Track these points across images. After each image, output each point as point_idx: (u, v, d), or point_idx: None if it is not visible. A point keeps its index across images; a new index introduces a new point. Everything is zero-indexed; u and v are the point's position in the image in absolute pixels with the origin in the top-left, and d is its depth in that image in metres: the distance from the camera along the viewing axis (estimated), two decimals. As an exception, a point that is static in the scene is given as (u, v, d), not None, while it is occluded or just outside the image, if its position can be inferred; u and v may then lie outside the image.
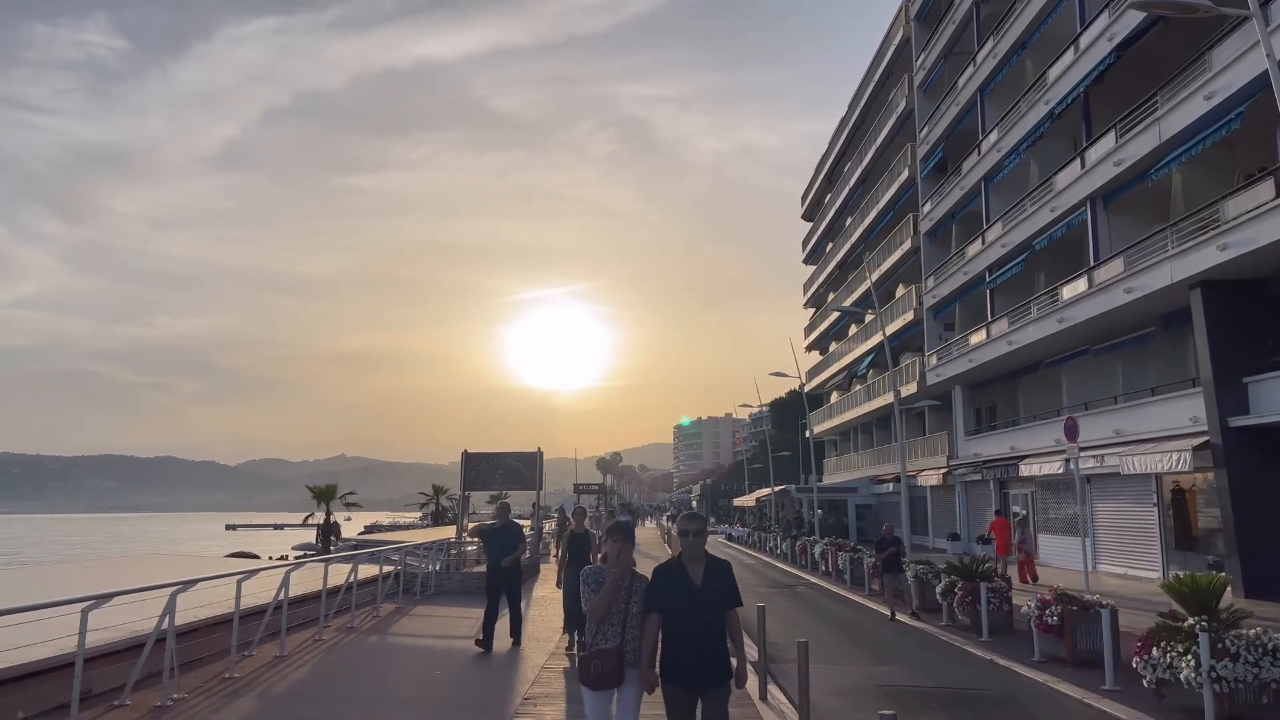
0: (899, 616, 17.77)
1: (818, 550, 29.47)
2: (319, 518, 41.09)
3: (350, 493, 47.83)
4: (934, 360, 38.98)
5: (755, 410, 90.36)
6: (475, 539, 25.78)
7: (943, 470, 39.12)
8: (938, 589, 16.87)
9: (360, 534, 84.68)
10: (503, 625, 13.13)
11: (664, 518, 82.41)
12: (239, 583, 11.05)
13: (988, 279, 32.94)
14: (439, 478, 76.73)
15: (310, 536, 48.20)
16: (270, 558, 56.22)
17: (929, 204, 40.01)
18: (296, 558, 52.45)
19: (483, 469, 27.35)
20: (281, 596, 11.95)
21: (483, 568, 22.49)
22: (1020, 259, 30.26)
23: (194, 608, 10.62)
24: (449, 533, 30.42)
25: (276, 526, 54.56)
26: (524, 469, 27.38)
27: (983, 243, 33.25)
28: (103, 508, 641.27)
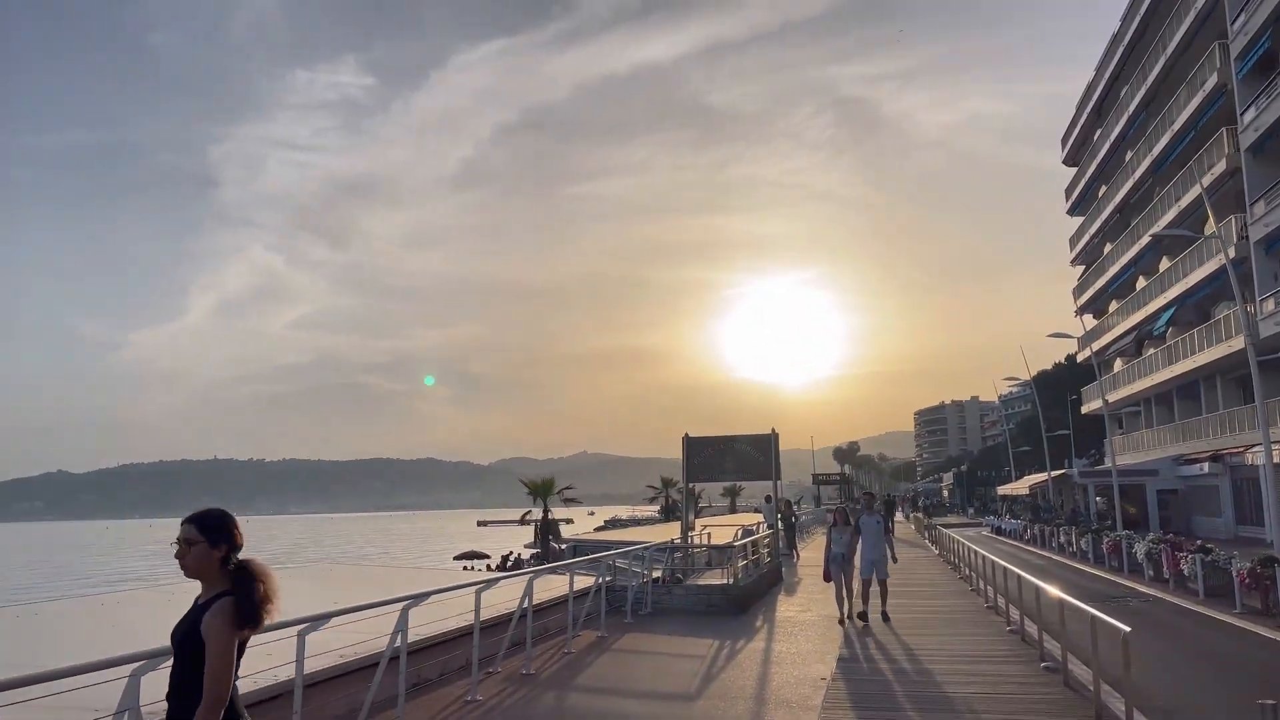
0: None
1: (1141, 550, 22.92)
2: (538, 514, 38.27)
3: (568, 487, 45.04)
4: (1271, 305, 30.78)
5: (1014, 387, 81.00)
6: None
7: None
8: None
9: (598, 529, 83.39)
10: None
11: (913, 509, 75.22)
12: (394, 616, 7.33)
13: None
14: (675, 470, 73.69)
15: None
16: (502, 557, 55.35)
17: (1251, 111, 31.73)
18: (514, 560, 51.37)
19: (708, 456, 23.09)
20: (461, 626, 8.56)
21: (717, 578, 18.27)
22: None
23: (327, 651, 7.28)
24: (675, 530, 26.39)
25: (520, 521, 54.35)
26: (757, 455, 22.85)
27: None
28: (375, 506, 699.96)
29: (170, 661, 3.37)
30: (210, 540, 3.36)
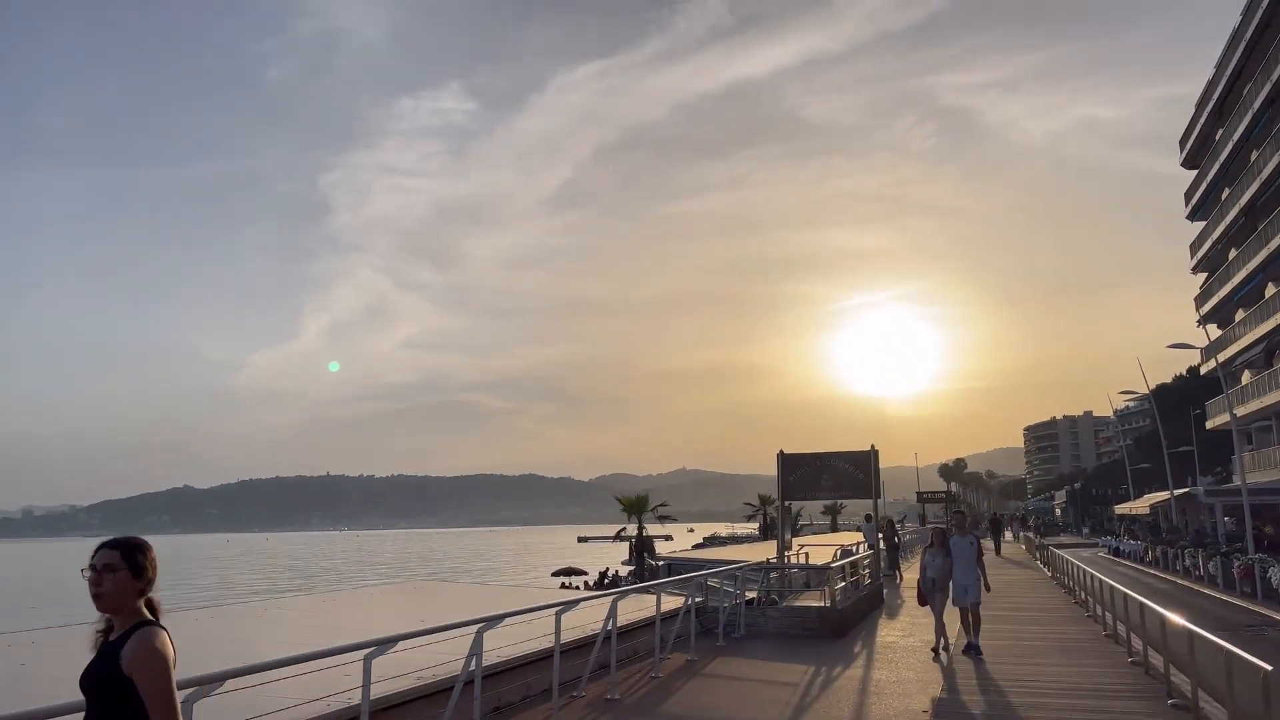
0: None
1: (1276, 576, 21.27)
2: (633, 531, 37.96)
3: (662, 504, 44.57)
4: None
5: (1131, 401, 77.25)
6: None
7: None
8: None
9: (695, 546, 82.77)
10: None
11: (1022, 528, 72.25)
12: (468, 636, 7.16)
13: None
14: (774, 488, 72.50)
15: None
16: (600, 574, 55.30)
17: (1394, 102, 29.45)
18: (612, 577, 51.16)
19: (804, 473, 22.42)
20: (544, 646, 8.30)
21: (814, 599, 17.63)
22: None
23: (394, 677, 7.12)
24: (772, 549, 25.74)
25: (615, 538, 54.16)
26: (856, 472, 22.08)
27: None
28: (479, 521, 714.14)
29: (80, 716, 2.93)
30: (132, 569, 2.98)
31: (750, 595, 18.46)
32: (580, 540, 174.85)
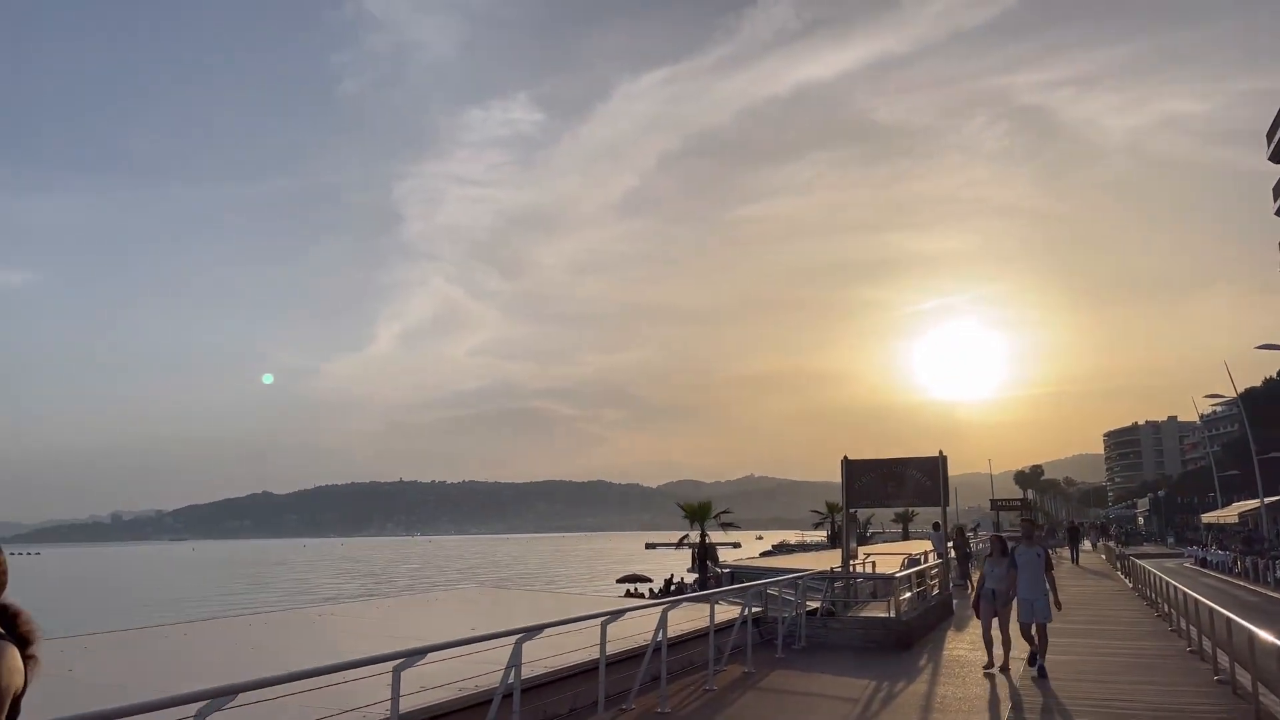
0: None
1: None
2: (695, 538, 37.55)
3: (725, 511, 44.07)
4: None
5: (1218, 405, 74.33)
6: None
7: None
8: None
9: (763, 554, 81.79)
10: None
11: (1103, 537, 69.82)
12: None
13: None
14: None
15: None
16: (665, 581, 54.98)
17: None
18: (677, 584, 50.81)
19: (869, 480, 21.86)
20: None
21: (879, 610, 17.07)
22: None
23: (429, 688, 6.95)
24: (838, 558, 25.15)
25: (677, 545, 53.53)
26: (923, 479, 21.44)
27: None
28: (548, 527, 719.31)
29: None
30: None
31: (813, 605, 18.01)
32: (648, 547, 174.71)
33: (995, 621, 13.10)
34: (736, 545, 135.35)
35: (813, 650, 14.78)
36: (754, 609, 13.83)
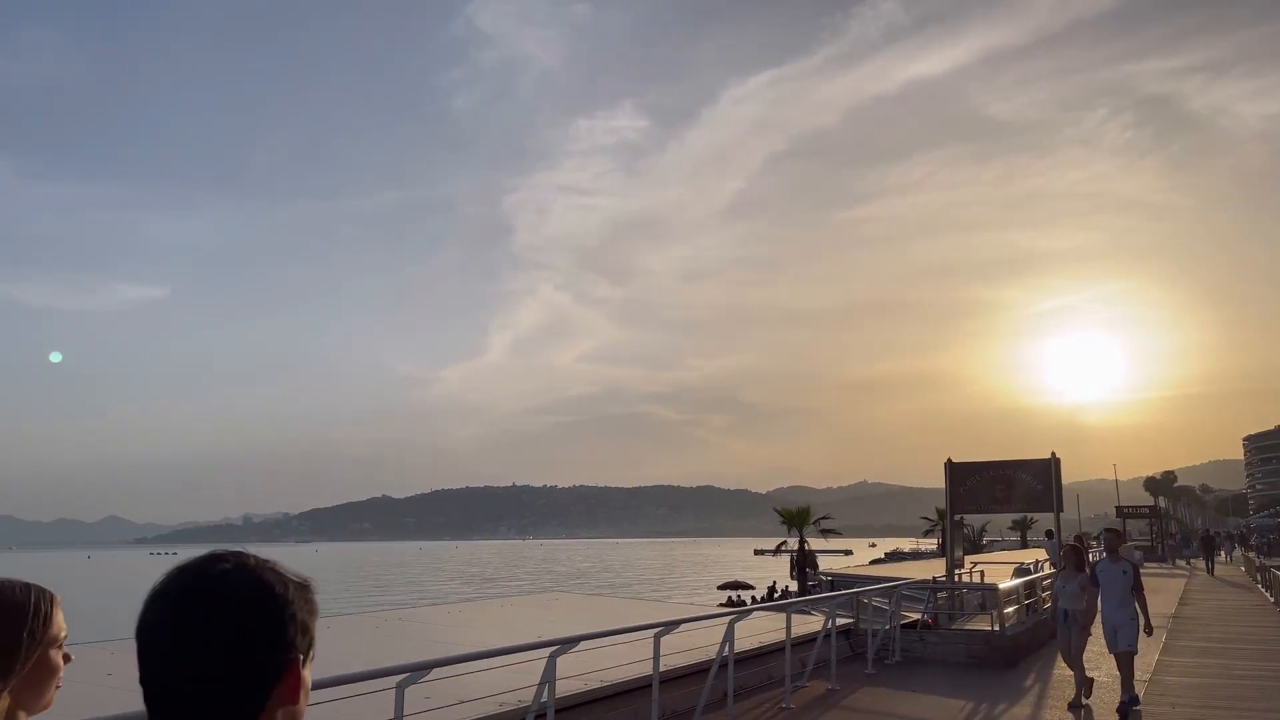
0: None
1: None
2: (793, 545, 36.44)
3: (825, 517, 42.67)
4: None
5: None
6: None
7: None
8: None
9: (873, 561, 79.70)
10: None
11: (1242, 547, 65.15)
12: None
13: None
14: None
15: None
16: (768, 588, 53.84)
17: None
18: (782, 591, 49.54)
19: (974, 484, 20.54)
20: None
21: (983, 624, 15.90)
22: None
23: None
24: (924, 570, 23.84)
25: (775, 551, 51.85)
26: (1034, 483, 20.02)
27: None
28: (656, 532, 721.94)
29: None
30: None
31: (914, 617, 16.99)
32: (756, 553, 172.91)
33: (1070, 646, 11.24)
34: (848, 553, 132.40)
35: (908, 666, 13.76)
36: (840, 620, 12.95)
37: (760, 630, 11.83)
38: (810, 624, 12.88)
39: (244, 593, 1.31)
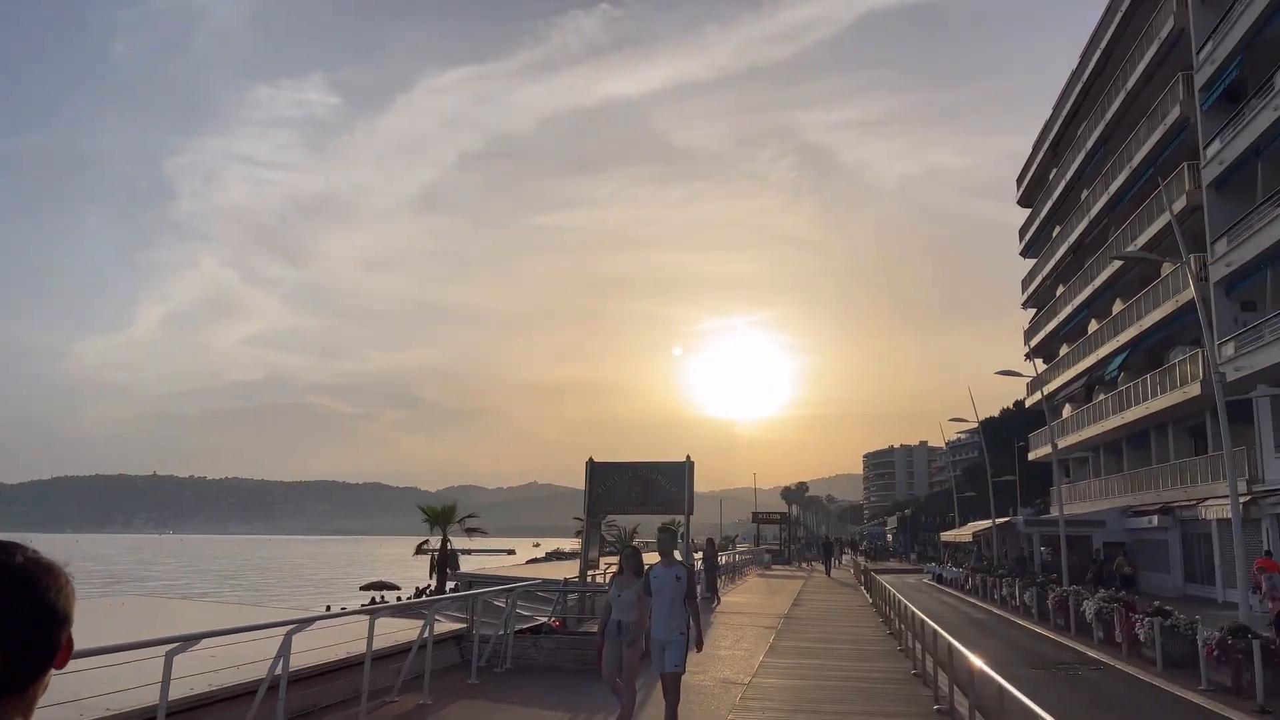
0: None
1: (1090, 609, 20.55)
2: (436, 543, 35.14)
3: (470, 515, 41.85)
4: (1230, 350, 28.98)
5: (963, 434, 79.53)
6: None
7: (1244, 499, 28.83)
8: None
9: (529, 561, 79.63)
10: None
11: (854, 552, 72.75)
12: None
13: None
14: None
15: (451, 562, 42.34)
16: (416, 589, 51.82)
17: (1216, 144, 30.14)
18: (428, 592, 47.72)
19: (614, 484, 20.42)
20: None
21: (593, 626, 15.38)
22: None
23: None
24: (571, 570, 23.54)
25: (416, 551, 50.37)
26: (668, 484, 20.22)
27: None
28: (318, 529, 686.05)
29: None
30: None
31: (542, 620, 16.24)
32: (417, 552, 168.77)
33: (619, 668, 9.22)
34: (511, 552, 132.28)
35: (517, 674, 12.84)
36: (439, 624, 11.78)
37: (352, 638, 10.37)
38: (413, 630, 11.57)
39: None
